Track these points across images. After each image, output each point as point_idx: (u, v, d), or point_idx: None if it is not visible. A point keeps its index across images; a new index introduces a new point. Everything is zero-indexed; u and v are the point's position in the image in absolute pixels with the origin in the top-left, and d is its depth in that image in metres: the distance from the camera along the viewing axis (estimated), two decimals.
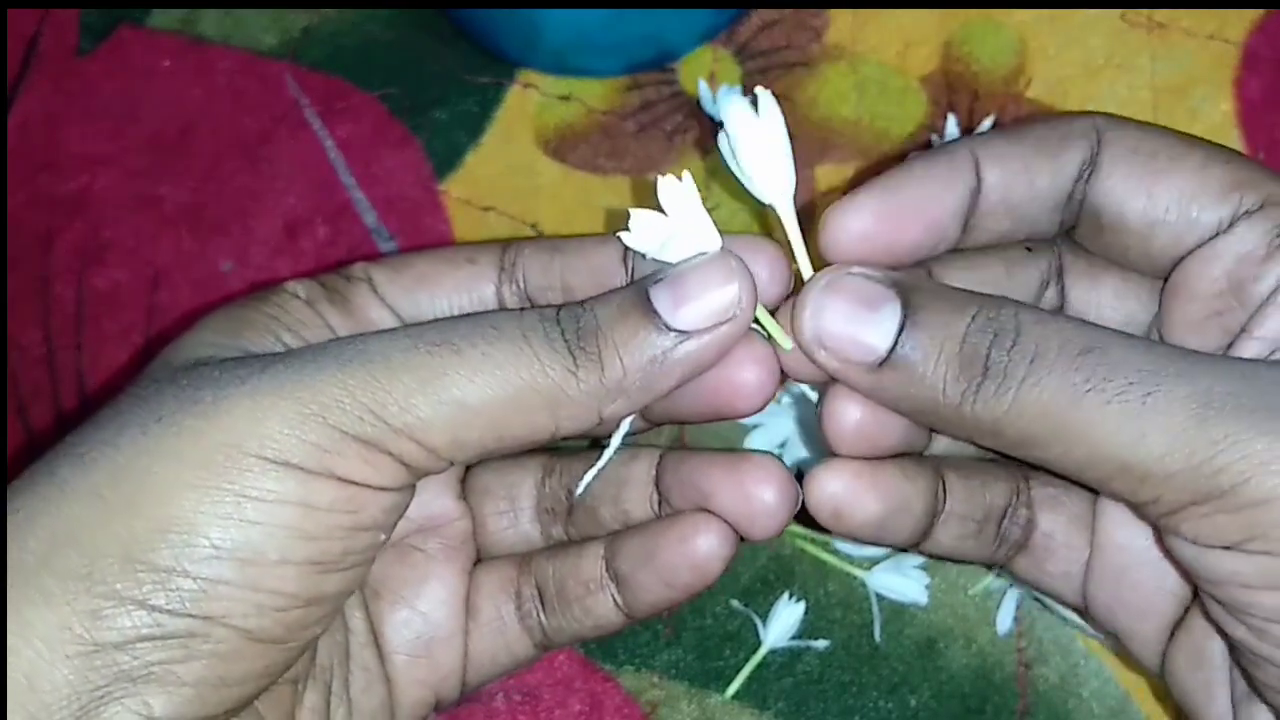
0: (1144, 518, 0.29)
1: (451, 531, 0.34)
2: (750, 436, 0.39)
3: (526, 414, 0.28)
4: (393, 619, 0.32)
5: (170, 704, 0.26)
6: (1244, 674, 0.28)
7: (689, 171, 0.28)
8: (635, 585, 0.32)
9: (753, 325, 0.29)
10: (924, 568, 0.38)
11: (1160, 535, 0.28)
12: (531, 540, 0.34)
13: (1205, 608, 0.28)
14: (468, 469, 0.35)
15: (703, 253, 0.28)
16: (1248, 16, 0.45)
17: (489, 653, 0.33)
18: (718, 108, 0.43)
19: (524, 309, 0.29)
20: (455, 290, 0.32)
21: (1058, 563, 0.32)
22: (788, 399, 0.39)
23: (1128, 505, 0.28)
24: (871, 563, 0.38)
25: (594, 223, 0.44)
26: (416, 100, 0.46)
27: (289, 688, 0.30)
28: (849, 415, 0.29)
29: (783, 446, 0.39)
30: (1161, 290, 0.30)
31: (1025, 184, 0.30)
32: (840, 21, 0.46)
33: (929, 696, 0.37)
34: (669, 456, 0.33)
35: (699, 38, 0.45)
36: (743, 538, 0.31)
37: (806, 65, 0.45)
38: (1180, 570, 0.29)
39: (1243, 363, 0.27)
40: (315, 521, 0.26)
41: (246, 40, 0.47)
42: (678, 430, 0.40)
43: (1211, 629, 0.29)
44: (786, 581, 0.39)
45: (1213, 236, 0.29)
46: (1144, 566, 0.31)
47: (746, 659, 0.38)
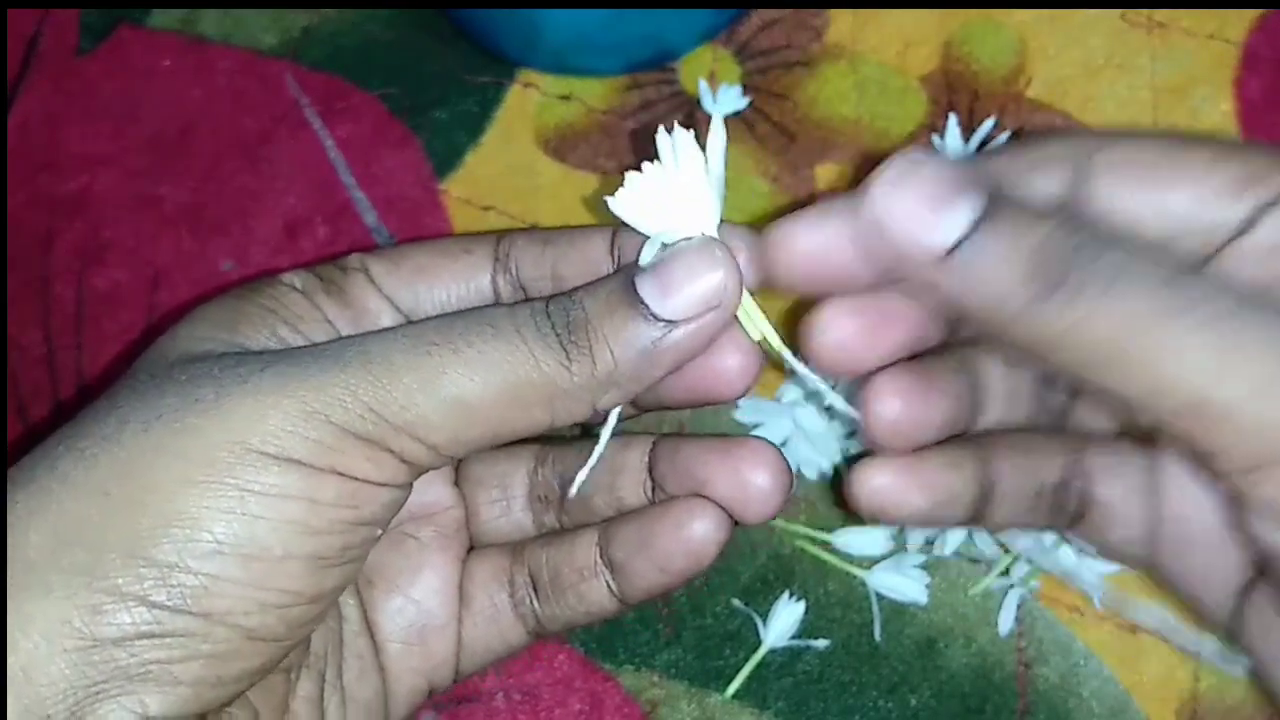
0: (1211, 473, 0.26)
1: (445, 520, 0.34)
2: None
3: (524, 409, 0.28)
4: (386, 607, 0.33)
5: (166, 703, 0.26)
6: None
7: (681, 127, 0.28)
8: (630, 571, 0.32)
9: None
10: (924, 567, 0.38)
11: (1228, 508, 0.27)
12: (524, 528, 0.34)
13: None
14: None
15: (690, 238, 0.28)
16: (1248, 16, 0.45)
17: (482, 640, 0.33)
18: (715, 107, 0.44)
19: (517, 303, 0.29)
20: (452, 281, 0.33)
21: (1117, 530, 0.31)
22: (788, 399, 0.39)
23: (1190, 454, 0.26)
24: (871, 562, 0.38)
25: (593, 222, 0.44)
26: (416, 100, 0.46)
27: (282, 677, 0.30)
28: (890, 408, 0.29)
29: (783, 447, 0.39)
30: None
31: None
32: (840, 21, 0.46)
33: (929, 696, 0.37)
34: (663, 443, 0.33)
35: (699, 37, 0.45)
36: (737, 523, 0.31)
37: (806, 65, 0.45)
38: (1248, 547, 0.27)
39: None
40: (319, 516, 0.27)
41: (246, 40, 0.47)
42: (680, 421, 0.40)
43: None
44: (786, 581, 0.39)
45: (1236, 236, 0.27)
46: (1209, 537, 0.29)
47: (746, 658, 0.38)
